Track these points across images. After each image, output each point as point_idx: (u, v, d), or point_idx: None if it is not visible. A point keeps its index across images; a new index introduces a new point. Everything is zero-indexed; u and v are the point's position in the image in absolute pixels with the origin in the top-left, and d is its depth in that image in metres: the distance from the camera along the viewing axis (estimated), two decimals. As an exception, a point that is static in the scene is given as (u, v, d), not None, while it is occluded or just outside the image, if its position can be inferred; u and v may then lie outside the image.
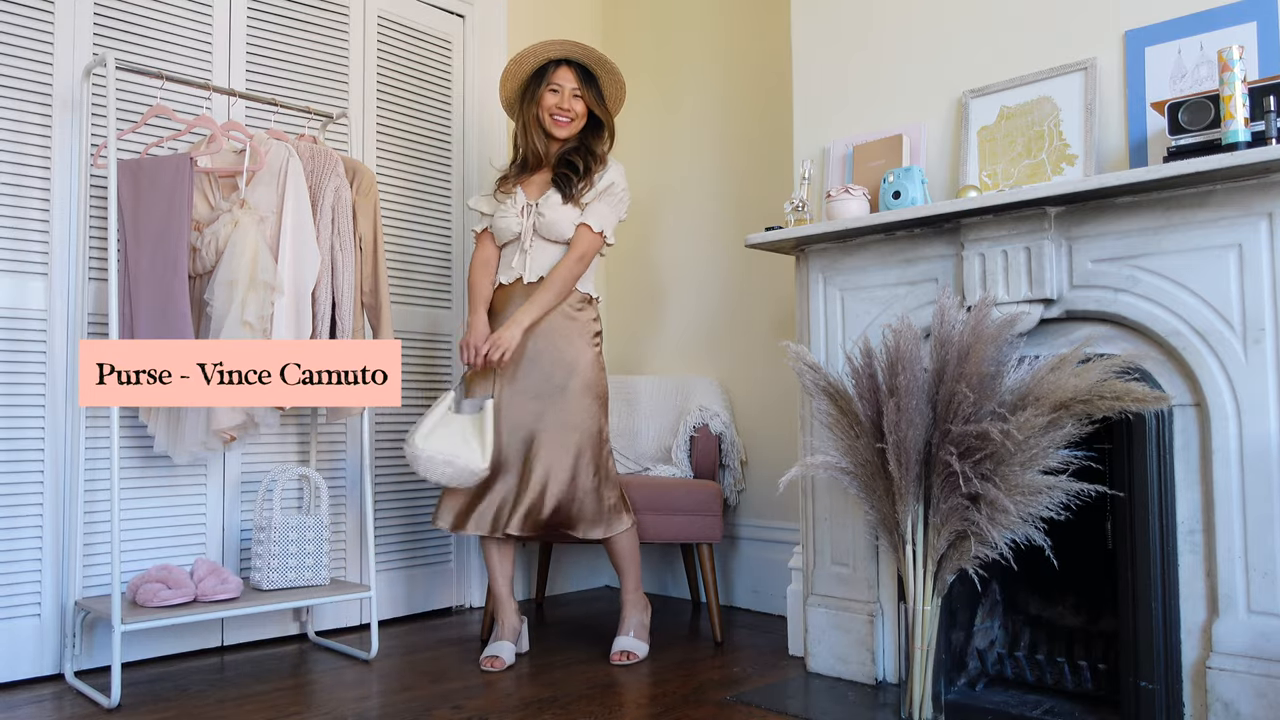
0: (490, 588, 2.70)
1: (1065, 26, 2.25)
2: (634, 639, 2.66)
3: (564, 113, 2.70)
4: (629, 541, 2.67)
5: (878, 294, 2.41)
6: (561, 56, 2.71)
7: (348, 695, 2.35)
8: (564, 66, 2.71)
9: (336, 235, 2.61)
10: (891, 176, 2.34)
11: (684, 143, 3.62)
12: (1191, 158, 1.88)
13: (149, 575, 2.46)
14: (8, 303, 2.48)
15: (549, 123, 2.71)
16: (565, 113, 2.70)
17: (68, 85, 2.58)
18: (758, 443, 3.32)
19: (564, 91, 2.69)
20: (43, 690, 2.41)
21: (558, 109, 2.69)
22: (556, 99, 2.70)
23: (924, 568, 2.08)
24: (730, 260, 3.44)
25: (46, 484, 2.51)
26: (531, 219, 2.65)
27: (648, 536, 2.82)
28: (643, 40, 3.81)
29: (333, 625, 3.01)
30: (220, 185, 2.58)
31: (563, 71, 2.70)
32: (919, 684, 2.09)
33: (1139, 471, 1.97)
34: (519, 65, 2.74)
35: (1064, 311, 2.11)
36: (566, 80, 2.70)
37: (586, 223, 2.64)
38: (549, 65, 2.72)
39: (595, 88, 2.74)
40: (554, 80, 2.70)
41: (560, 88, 2.69)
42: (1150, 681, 1.93)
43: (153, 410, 2.55)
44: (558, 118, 2.70)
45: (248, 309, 2.40)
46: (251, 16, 2.93)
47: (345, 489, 3.05)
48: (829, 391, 2.22)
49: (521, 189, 2.72)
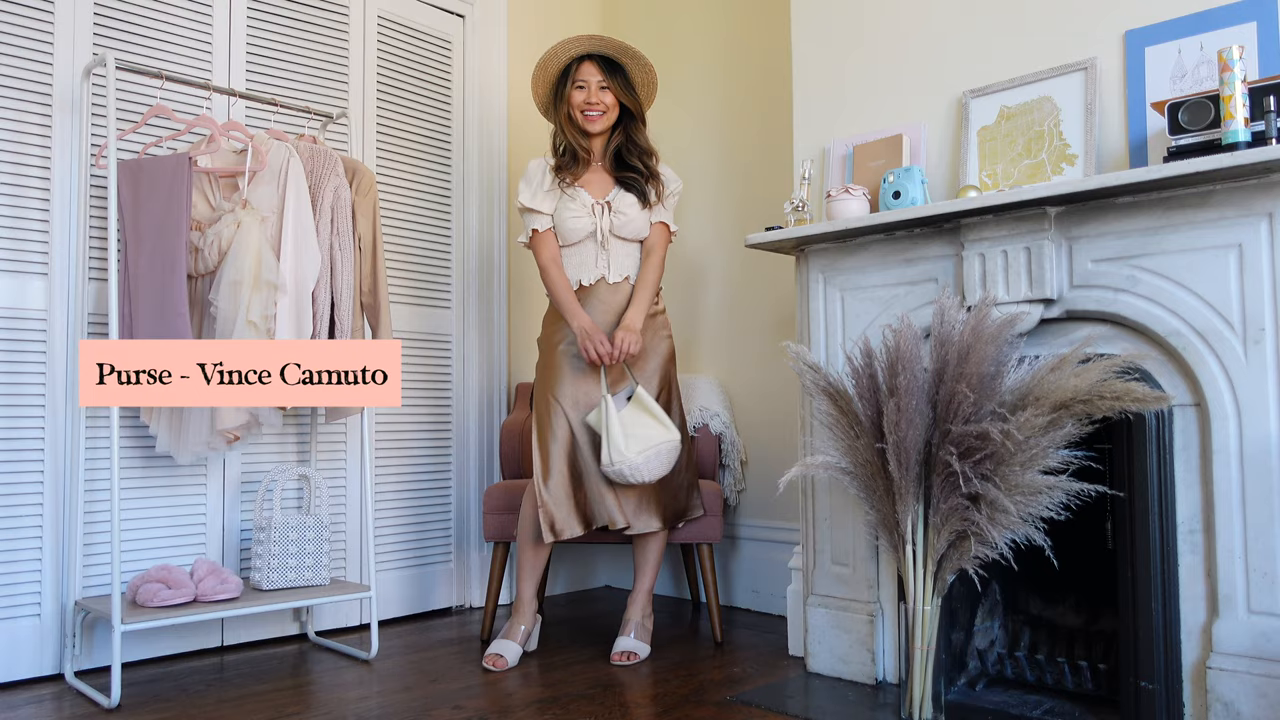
0: (519, 588, 2.69)
1: (1065, 26, 2.25)
2: (636, 640, 2.67)
3: (593, 107, 2.71)
4: (664, 541, 2.75)
5: (878, 294, 2.41)
6: (583, 53, 2.72)
7: (348, 695, 2.35)
8: (587, 61, 2.72)
9: (336, 235, 2.61)
10: (891, 176, 2.34)
11: (684, 142, 3.62)
12: (1191, 158, 1.87)
13: (149, 575, 2.46)
14: (8, 303, 2.48)
15: (581, 120, 2.72)
16: (594, 107, 2.71)
17: (67, 85, 2.58)
18: (758, 443, 3.32)
19: (590, 86, 2.71)
20: (43, 690, 2.41)
21: (586, 104, 2.71)
22: (584, 95, 2.71)
23: (924, 568, 2.08)
24: (730, 260, 3.44)
25: (46, 484, 2.51)
26: (609, 218, 2.68)
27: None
28: (643, 40, 3.81)
29: (333, 625, 3.01)
30: (221, 185, 2.58)
31: (586, 67, 2.71)
32: (919, 684, 2.09)
33: (1139, 471, 1.97)
34: (544, 69, 2.75)
35: (1064, 311, 2.10)
36: (591, 75, 2.71)
37: (664, 221, 2.74)
38: (573, 63, 2.73)
39: (622, 76, 2.75)
40: (579, 77, 2.71)
41: (586, 83, 2.71)
42: (1150, 681, 1.93)
43: (155, 410, 2.55)
44: (588, 113, 2.71)
45: (253, 309, 2.41)
46: (252, 16, 2.93)
47: (345, 489, 3.05)
48: (829, 391, 2.22)
49: (582, 188, 2.73)
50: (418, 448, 3.25)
